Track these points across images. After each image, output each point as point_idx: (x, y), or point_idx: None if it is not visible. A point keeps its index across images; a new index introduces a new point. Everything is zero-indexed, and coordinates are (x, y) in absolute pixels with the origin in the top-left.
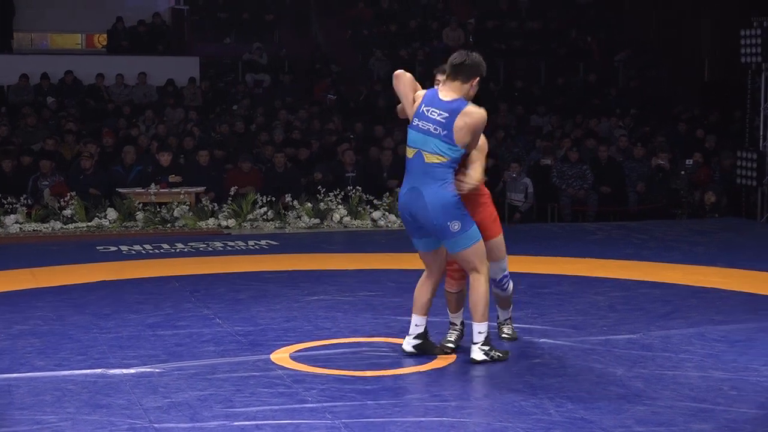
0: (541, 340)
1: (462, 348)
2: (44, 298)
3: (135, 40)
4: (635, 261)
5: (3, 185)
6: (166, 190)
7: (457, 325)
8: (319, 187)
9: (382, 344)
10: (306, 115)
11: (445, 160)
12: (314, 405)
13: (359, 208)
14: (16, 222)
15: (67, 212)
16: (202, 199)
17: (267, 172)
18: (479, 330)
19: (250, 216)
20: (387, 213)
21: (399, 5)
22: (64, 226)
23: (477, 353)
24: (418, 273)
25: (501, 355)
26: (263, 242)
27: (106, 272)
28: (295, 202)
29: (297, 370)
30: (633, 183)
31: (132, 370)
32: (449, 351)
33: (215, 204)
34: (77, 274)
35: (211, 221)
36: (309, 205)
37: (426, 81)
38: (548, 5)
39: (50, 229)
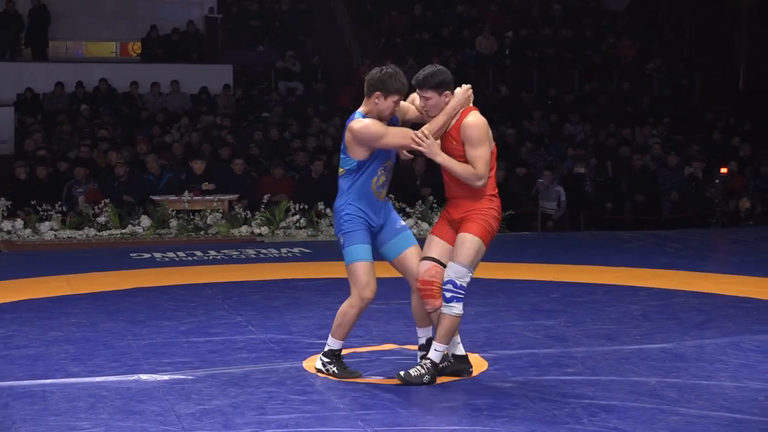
0: (575, 348)
1: (491, 357)
2: (78, 304)
3: (169, 49)
4: (669, 270)
5: (38, 192)
6: (200, 197)
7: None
8: None
9: (415, 352)
10: (339, 122)
11: (342, 171)
12: (346, 413)
13: None
14: (51, 229)
15: (101, 219)
16: (235, 207)
17: (300, 180)
18: (329, 342)
19: (283, 224)
20: (419, 221)
21: (432, 13)
22: (98, 233)
23: (318, 362)
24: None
25: (337, 372)
26: (296, 250)
27: (140, 279)
28: (328, 210)
29: (329, 378)
30: (667, 192)
31: (165, 377)
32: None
33: (248, 211)
34: (111, 281)
35: (244, 229)
36: None
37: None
38: (581, 13)
39: (84, 236)
